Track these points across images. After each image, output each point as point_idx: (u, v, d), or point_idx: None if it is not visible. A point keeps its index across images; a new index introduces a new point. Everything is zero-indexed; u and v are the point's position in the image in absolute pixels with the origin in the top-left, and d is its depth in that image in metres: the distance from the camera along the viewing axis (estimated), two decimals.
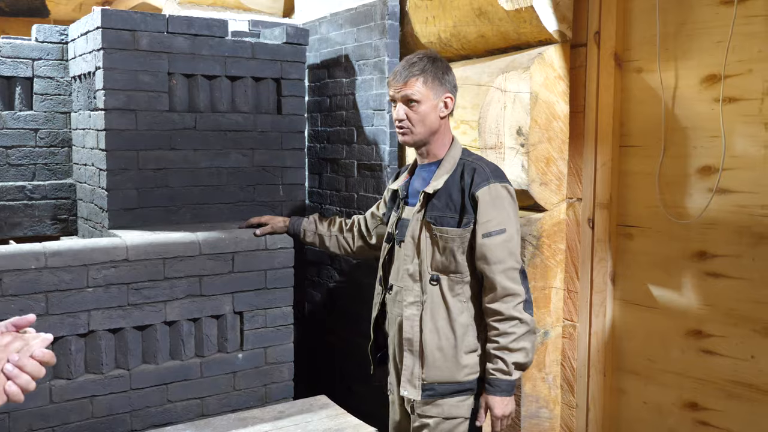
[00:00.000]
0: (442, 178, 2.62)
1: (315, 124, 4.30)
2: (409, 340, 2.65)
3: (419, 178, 2.75)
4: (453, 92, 2.65)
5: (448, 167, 2.64)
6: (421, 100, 2.58)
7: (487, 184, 2.54)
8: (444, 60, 2.67)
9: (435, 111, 2.61)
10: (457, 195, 2.59)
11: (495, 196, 2.54)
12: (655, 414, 2.97)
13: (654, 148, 2.87)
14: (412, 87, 2.58)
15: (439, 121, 2.63)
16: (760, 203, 2.55)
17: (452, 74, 2.67)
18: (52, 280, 2.72)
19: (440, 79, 2.61)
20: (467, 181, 2.57)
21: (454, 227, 2.57)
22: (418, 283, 2.64)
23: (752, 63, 2.54)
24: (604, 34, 2.98)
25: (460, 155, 2.67)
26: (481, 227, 2.53)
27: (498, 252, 2.52)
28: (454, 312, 2.60)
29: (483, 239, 2.52)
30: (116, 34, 3.22)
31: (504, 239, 2.52)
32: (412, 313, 2.64)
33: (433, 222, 2.60)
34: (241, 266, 3.15)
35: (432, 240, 2.61)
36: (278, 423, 2.94)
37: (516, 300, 2.52)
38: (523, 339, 2.52)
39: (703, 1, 2.68)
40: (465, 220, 2.56)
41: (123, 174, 3.29)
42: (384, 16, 3.61)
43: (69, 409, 2.82)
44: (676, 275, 2.84)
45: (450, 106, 2.65)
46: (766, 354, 2.58)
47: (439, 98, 2.61)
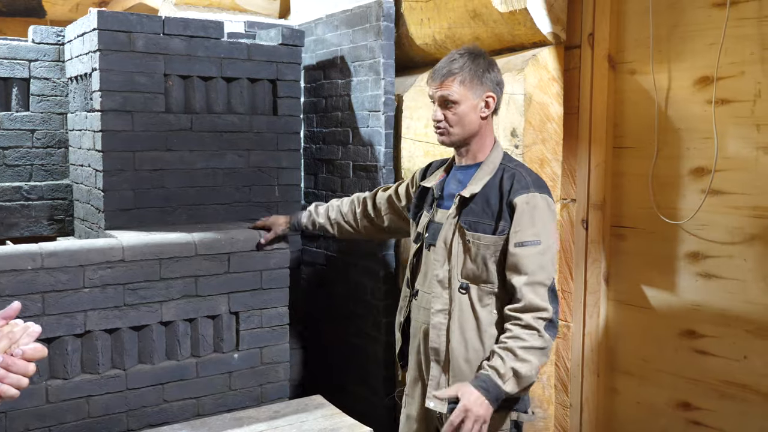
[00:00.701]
0: (481, 183, 2.51)
1: (311, 125, 4.32)
2: (436, 350, 2.54)
3: (455, 180, 2.63)
4: (496, 90, 2.52)
5: (488, 171, 2.53)
6: (458, 100, 2.47)
7: (526, 192, 2.42)
8: (487, 56, 2.54)
9: (474, 111, 2.50)
10: (494, 201, 2.47)
11: (533, 206, 2.42)
12: (648, 414, 2.99)
13: (647, 149, 2.89)
14: (449, 87, 2.47)
15: (479, 122, 2.51)
16: (753, 204, 2.57)
17: (495, 71, 2.53)
18: (48, 281, 2.73)
19: (480, 78, 2.48)
20: (506, 188, 2.46)
21: (488, 234, 2.45)
22: (446, 291, 2.52)
23: (744, 65, 2.56)
24: (598, 36, 3.00)
25: (501, 159, 2.56)
26: (515, 236, 2.41)
27: (529, 263, 2.38)
28: (484, 323, 2.47)
29: (515, 248, 2.40)
30: (112, 35, 3.22)
31: (537, 251, 2.39)
32: (439, 321, 2.53)
33: (467, 227, 2.48)
34: (236, 267, 3.16)
35: (464, 246, 2.50)
36: (274, 423, 2.95)
37: (540, 315, 2.35)
38: (533, 352, 2.34)
39: (695, 3, 2.70)
40: (500, 228, 2.44)
41: (119, 175, 3.30)
42: (379, 17, 3.62)
43: (65, 409, 2.83)
44: (669, 276, 2.86)
45: (492, 106, 2.52)
46: (758, 354, 2.60)
47: (480, 98, 2.49)
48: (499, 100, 2.56)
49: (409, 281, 2.76)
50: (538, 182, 2.49)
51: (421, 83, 3.60)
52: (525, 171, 2.51)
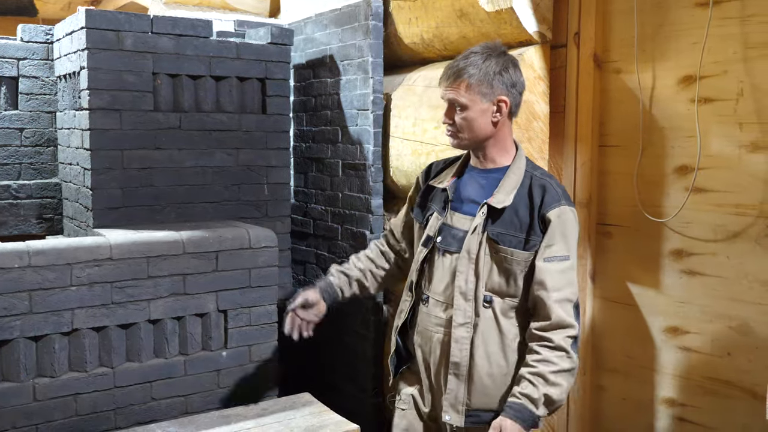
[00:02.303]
0: (511, 193, 2.38)
1: (300, 124, 4.33)
2: (457, 364, 2.42)
3: (474, 184, 2.50)
4: (511, 93, 2.38)
5: (515, 180, 2.41)
6: (466, 105, 2.36)
7: (558, 205, 2.34)
8: (503, 55, 2.40)
9: (484, 116, 2.37)
10: (524, 213, 2.37)
11: (564, 220, 2.34)
12: (634, 410, 3.01)
13: (632, 147, 2.91)
14: (457, 90, 2.36)
15: (490, 126, 2.39)
16: (735, 202, 2.59)
17: (511, 71, 2.38)
18: (35, 279, 2.74)
19: (490, 80, 2.34)
20: (536, 200, 2.35)
21: (520, 249, 2.35)
22: (471, 303, 2.40)
23: (727, 64, 2.58)
24: (584, 36, 3.02)
25: (525, 166, 2.44)
26: (546, 251, 2.33)
27: (558, 279, 2.31)
28: (508, 337, 2.39)
29: (545, 263, 2.32)
30: (101, 34, 3.23)
31: (566, 267, 2.33)
32: (461, 335, 2.40)
33: (497, 240, 2.37)
34: (224, 265, 3.18)
35: (492, 259, 2.39)
36: (261, 420, 2.96)
37: (567, 332, 2.29)
38: (564, 375, 2.29)
39: (679, 3, 2.72)
40: (532, 242, 2.35)
41: (108, 173, 3.31)
42: (368, 16, 3.63)
43: (53, 407, 2.83)
44: (654, 273, 2.88)
45: (506, 110, 2.38)
46: (741, 351, 2.62)
47: (490, 102, 2.36)
48: (516, 102, 2.42)
49: (413, 285, 2.61)
50: (566, 194, 2.41)
51: (409, 82, 3.61)
52: (554, 182, 2.41)
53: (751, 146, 2.53)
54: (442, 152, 3.25)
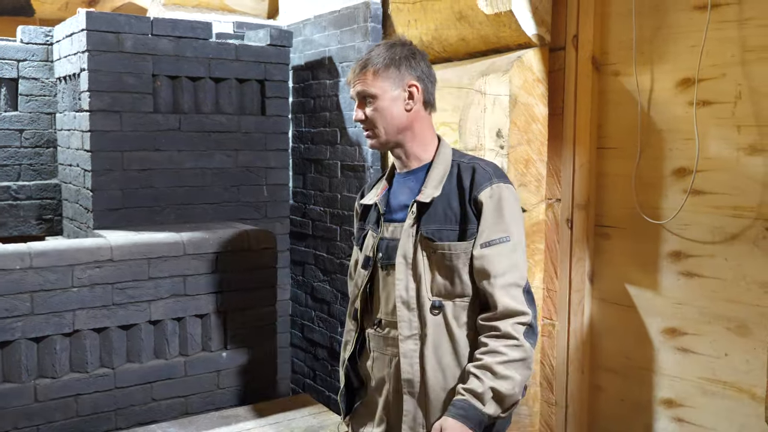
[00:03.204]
0: (439, 185, 2.19)
1: (299, 125, 4.34)
2: (409, 381, 2.18)
3: (404, 189, 2.29)
4: (422, 79, 2.21)
5: (442, 170, 2.21)
6: (376, 94, 2.16)
7: (489, 184, 2.13)
8: (409, 45, 2.25)
9: (396, 104, 2.18)
10: (456, 202, 2.17)
11: (498, 199, 2.13)
12: (632, 411, 3.02)
13: (630, 150, 2.92)
14: (364, 81, 2.18)
15: (404, 115, 2.19)
16: (733, 204, 2.60)
17: (419, 59, 2.23)
18: (37, 280, 2.75)
19: (398, 66, 2.18)
20: (466, 184, 2.16)
21: (457, 241, 2.14)
22: (414, 312, 2.17)
23: (725, 67, 2.59)
24: (582, 38, 3.03)
25: (451, 156, 2.25)
26: (482, 235, 2.11)
27: (499, 264, 2.09)
28: (461, 345, 2.14)
29: (482, 249, 2.10)
30: (101, 36, 3.25)
31: (508, 249, 2.11)
32: (409, 348, 2.17)
33: (432, 237, 2.15)
34: (224, 266, 3.19)
35: (431, 259, 2.17)
36: (261, 421, 2.98)
37: (518, 319, 2.06)
38: (514, 366, 2.04)
39: (677, 6, 2.73)
40: (470, 231, 2.14)
41: (108, 175, 3.32)
42: (367, 18, 3.65)
43: (54, 408, 2.85)
44: (652, 274, 2.90)
45: (417, 96, 2.20)
46: (739, 352, 2.63)
47: (400, 87, 2.18)
48: (429, 92, 2.24)
49: (357, 313, 2.37)
50: (498, 171, 2.21)
51: None
52: (483, 162, 2.22)
53: (749, 149, 2.54)
54: None
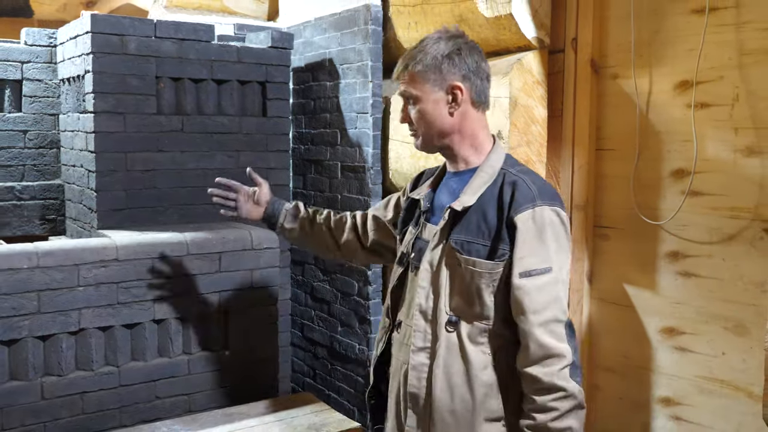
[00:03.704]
0: (476, 193, 2.04)
1: (299, 126, 4.37)
2: (415, 396, 2.08)
3: (447, 189, 2.18)
4: (468, 78, 2.05)
5: (486, 178, 2.06)
6: (418, 95, 2.05)
7: (531, 206, 1.96)
8: (456, 38, 2.08)
9: (439, 107, 2.05)
10: (492, 216, 2.00)
11: (541, 224, 1.95)
12: (630, 409, 3.06)
13: (629, 151, 2.96)
14: (406, 81, 2.08)
15: (447, 119, 2.05)
16: (730, 205, 2.64)
17: (466, 54, 2.05)
18: (43, 279, 2.78)
19: (439, 66, 2.03)
20: (506, 200, 1.99)
21: (483, 258, 1.99)
22: (430, 325, 2.07)
23: (723, 70, 2.63)
24: (581, 41, 3.07)
25: (501, 163, 2.09)
26: (519, 264, 1.94)
27: (538, 298, 1.93)
28: (475, 367, 2.00)
29: (520, 280, 1.93)
30: (105, 38, 3.28)
31: (548, 281, 1.94)
32: (420, 361, 2.07)
33: (459, 249, 2.02)
34: (227, 266, 3.22)
35: (455, 272, 2.04)
36: (264, 419, 3.00)
37: (560, 363, 1.91)
38: (569, 417, 1.91)
39: (676, 9, 2.77)
40: (500, 251, 1.98)
41: (111, 175, 3.35)
42: (367, 21, 3.68)
43: (60, 405, 2.88)
44: (650, 275, 2.93)
45: (462, 98, 2.04)
46: (736, 351, 2.67)
47: (442, 90, 2.04)
48: (479, 90, 2.08)
49: (389, 310, 2.29)
50: (546, 190, 2.02)
51: None
52: (530, 178, 2.04)
53: (746, 150, 2.59)
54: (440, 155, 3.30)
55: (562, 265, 1.99)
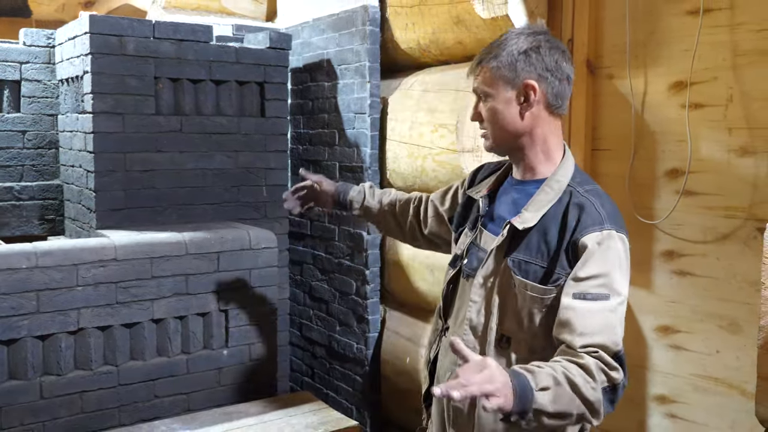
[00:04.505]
0: (540, 211, 1.91)
1: (298, 127, 4.39)
2: (458, 411, 2.00)
3: (508, 197, 2.06)
4: (544, 78, 1.91)
5: (551, 195, 1.92)
6: (489, 93, 1.94)
7: (599, 229, 1.83)
8: (537, 35, 1.95)
9: (510, 107, 1.92)
10: (554, 237, 1.88)
11: (607, 248, 1.82)
12: (626, 407, 3.07)
13: (624, 151, 2.97)
14: (480, 76, 1.97)
15: (519, 121, 1.93)
16: (725, 205, 2.66)
17: (545, 52, 1.91)
18: (42, 279, 2.80)
19: (513, 62, 1.90)
20: (571, 222, 1.86)
21: (538, 281, 1.88)
22: (479, 341, 1.98)
23: (717, 71, 2.65)
24: (577, 42, 3.08)
25: (569, 179, 1.95)
26: (576, 285, 1.80)
27: (591, 322, 1.75)
28: None
29: (574, 301, 1.78)
30: (104, 39, 3.29)
31: (605, 308, 1.78)
32: None
33: (515, 269, 1.91)
34: (226, 265, 3.24)
35: (508, 290, 1.93)
36: (262, 417, 3.02)
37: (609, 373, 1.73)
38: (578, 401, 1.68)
39: (670, 11, 2.79)
40: (555, 275, 1.86)
41: (110, 175, 3.37)
42: (365, 22, 3.70)
43: (59, 404, 2.89)
44: (645, 273, 2.95)
45: (535, 98, 1.91)
46: (730, 349, 2.69)
47: (515, 89, 1.91)
48: (556, 91, 1.93)
49: (441, 312, 2.19)
50: (615, 216, 1.90)
51: (406, 86, 3.68)
52: (599, 200, 1.91)
53: (740, 150, 2.60)
54: (438, 155, 3.32)
55: (623, 295, 1.83)
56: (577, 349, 1.73)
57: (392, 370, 3.76)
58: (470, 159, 3.18)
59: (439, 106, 3.34)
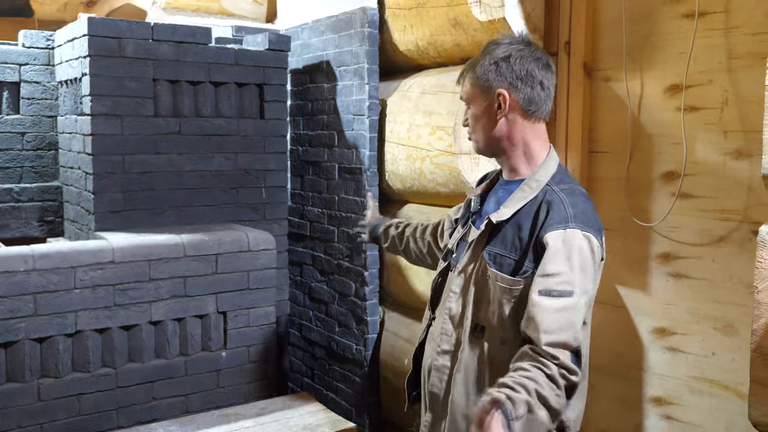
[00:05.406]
0: (515, 207, 2.05)
1: (297, 128, 4.40)
2: (434, 396, 2.15)
3: (496, 196, 2.20)
4: (515, 86, 2.05)
5: (528, 193, 2.06)
6: (470, 101, 2.13)
7: (563, 228, 1.95)
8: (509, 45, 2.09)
9: (487, 114, 2.09)
10: (526, 232, 2.01)
11: (569, 246, 1.93)
12: (622, 409, 3.08)
13: (621, 154, 2.97)
14: (462, 86, 2.16)
15: (495, 126, 2.08)
16: (720, 207, 2.66)
17: (516, 60, 2.05)
18: (40, 282, 2.81)
19: (487, 73, 2.06)
20: (541, 218, 1.99)
21: (508, 273, 2.01)
22: (456, 330, 2.12)
23: (712, 74, 2.65)
24: (574, 44, 3.08)
25: (548, 178, 2.08)
26: (542, 281, 1.91)
27: (553, 319, 1.87)
28: (493, 376, 2.00)
29: (539, 297, 1.89)
30: (102, 41, 3.30)
31: (567, 305, 1.89)
32: (443, 363, 2.13)
33: (490, 261, 2.05)
34: (224, 267, 3.25)
35: (484, 282, 2.07)
36: (260, 419, 3.03)
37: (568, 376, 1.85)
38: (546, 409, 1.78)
39: (666, 14, 2.79)
40: (524, 268, 1.99)
41: (109, 177, 3.38)
42: (363, 23, 3.70)
43: (57, 407, 2.91)
44: (642, 276, 2.95)
45: (507, 106, 2.06)
46: (725, 351, 2.69)
47: (490, 96, 2.07)
48: (528, 97, 2.07)
49: (430, 303, 2.34)
50: (583, 215, 2.00)
51: (404, 88, 3.68)
52: (570, 199, 2.02)
53: (735, 153, 2.60)
54: (436, 157, 3.33)
55: (584, 291, 1.94)
56: (542, 347, 1.84)
57: (391, 372, 3.76)
58: (468, 161, 3.18)
59: (437, 108, 3.35)
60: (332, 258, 4.12)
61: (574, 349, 1.89)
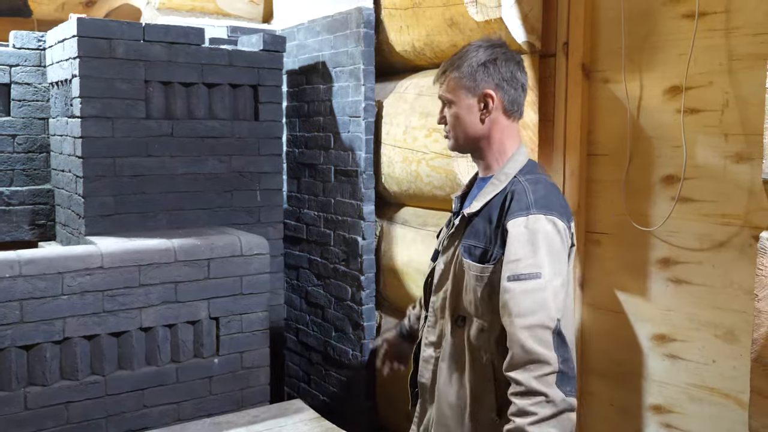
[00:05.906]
0: (484, 200, 2.17)
1: (293, 129, 4.35)
2: (423, 387, 2.29)
3: (474, 193, 2.31)
4: (501, 87, 2.16)
5: (497, 185, 2.17)
6: (452, 100, 2.20)
7: (525, 215, 2.03)
8: (493, 48, 2.21)
9: (471, 113, 2.18)
10: (494, 222, 2.12)
11: (533, 231, 2.00)
12: (621, 416, 3.03)
13: (620, 156, 2.93)
14: (444, 85, 2.23)
15: (479, 126, 2.19)
16: (720, 212, 2.61)
17: (502, 63, 2.17)
18: (26, 288, 2.76)
19: (474, 73, 2.15)
20: (506, 206, 2.09)
21: (476, 262, 2.12)
22: (439, 321, 2.25)
23: (713, 75, 2.60)
24: (573, 45, 3.03)
25: (516, 171, 2.19)
26: (508, 267, 1.99)
27: (525, 302, 1.94)
28: (475, 364, 2.14)
29: (508, 283, 1.97)
30: (92, 42, 3.25)
31: (536, 287, 1.95)
32: (429, 354, 2.27)
33: (465, 251, 2.16)
34: (216, 272, 3.20)
35: (461, 273, 2.18)
36: (252, 427, 2.98)
37: (542, 369, 1.89)
38: (548, 424, 1.87)
39: (666, 14, 2.74)
40: (490, 254, 2.09)
41: (99, 181, 3.33)
42: (359, 24, 3.66)
43: (44, 416, 2.85)
44: (641, 281, 2.90)
45: (493, 106, 2.16)
46: (726, 358, 2.64)
47: (475, 97, 2.17)
48: (512, 99, 2.20)
49: (423, 301, 2.47)
50: (545, 201, 2.07)
51: (401, 90, 3.64)
52: (533, 187, 2.11)
53: (736, 156, 2.55)
54: (432, 160, 3.28)
55: (554, 273, 2.00)
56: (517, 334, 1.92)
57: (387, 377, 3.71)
58: (464, 164, 3.13)
59: (433, 110, 3.29)
60: (328, 262, 4.07)
61: (555, 329, 1.93)
